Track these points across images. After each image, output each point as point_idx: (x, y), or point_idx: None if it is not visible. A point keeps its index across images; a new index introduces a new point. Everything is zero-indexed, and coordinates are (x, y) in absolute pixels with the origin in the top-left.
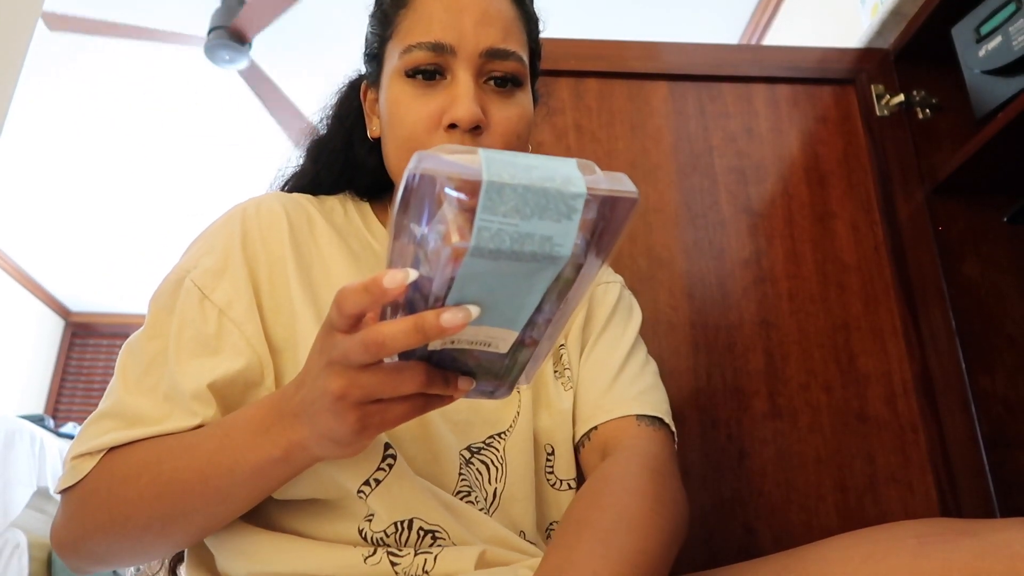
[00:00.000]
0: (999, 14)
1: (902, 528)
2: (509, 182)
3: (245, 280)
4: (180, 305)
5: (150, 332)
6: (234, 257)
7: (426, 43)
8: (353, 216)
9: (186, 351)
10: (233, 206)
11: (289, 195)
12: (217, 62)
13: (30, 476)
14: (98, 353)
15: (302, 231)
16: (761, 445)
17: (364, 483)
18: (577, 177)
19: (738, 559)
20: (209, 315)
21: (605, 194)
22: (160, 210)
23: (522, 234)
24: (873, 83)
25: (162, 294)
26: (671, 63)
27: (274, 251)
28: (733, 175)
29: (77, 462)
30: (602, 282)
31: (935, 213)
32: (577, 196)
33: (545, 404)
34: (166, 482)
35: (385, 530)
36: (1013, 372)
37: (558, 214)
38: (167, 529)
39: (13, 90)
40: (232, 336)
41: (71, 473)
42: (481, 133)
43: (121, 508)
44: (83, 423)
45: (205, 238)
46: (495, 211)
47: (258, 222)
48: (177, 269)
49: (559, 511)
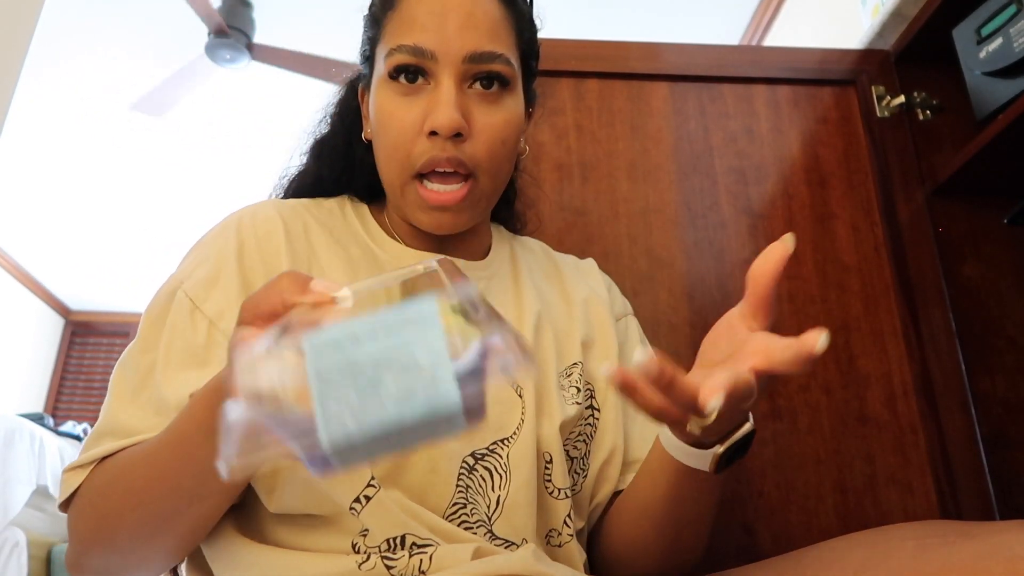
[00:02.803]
0: (1000, 15)
1: (901, 530)
2: (356, 435)
3: (238, 291)
4: (172, 317)
5: (142, 345)
6: (228, 268)
7: (407, 46)
8: (352, 220)
9: (175, 363)
10: (228, 215)
11: (285, 202)
12: (218, 61)
13: (29, 475)
14: (98, 352)
15: (298, 239)
16: (761, 446)
17: (355, 500)
18: (446, 380)
19: (737, 560)
20: (199, 326)
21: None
22: (160, 209)
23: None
24: (874, 84)
25: (155, 306)
26: (672, 64)
27: (271, 261)
28: (733, 176)
29: (68, 475)
30: (622, 315)
31: (935, 214)
32: (454, 416)
33: (547, 413)
34: (139, 490)
35: (379, 545)
36: (1013, 373)
37: (430, 432)
38: (155, 537)
39: (13, 90)
40: (221, 348)
41: (63, 486)
42: (464, 140)
43: (107, 519)
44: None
45: (199, 248)
46: (346, 457)
47: (254, 231)
48: (171, 280)
49: (557, 519)
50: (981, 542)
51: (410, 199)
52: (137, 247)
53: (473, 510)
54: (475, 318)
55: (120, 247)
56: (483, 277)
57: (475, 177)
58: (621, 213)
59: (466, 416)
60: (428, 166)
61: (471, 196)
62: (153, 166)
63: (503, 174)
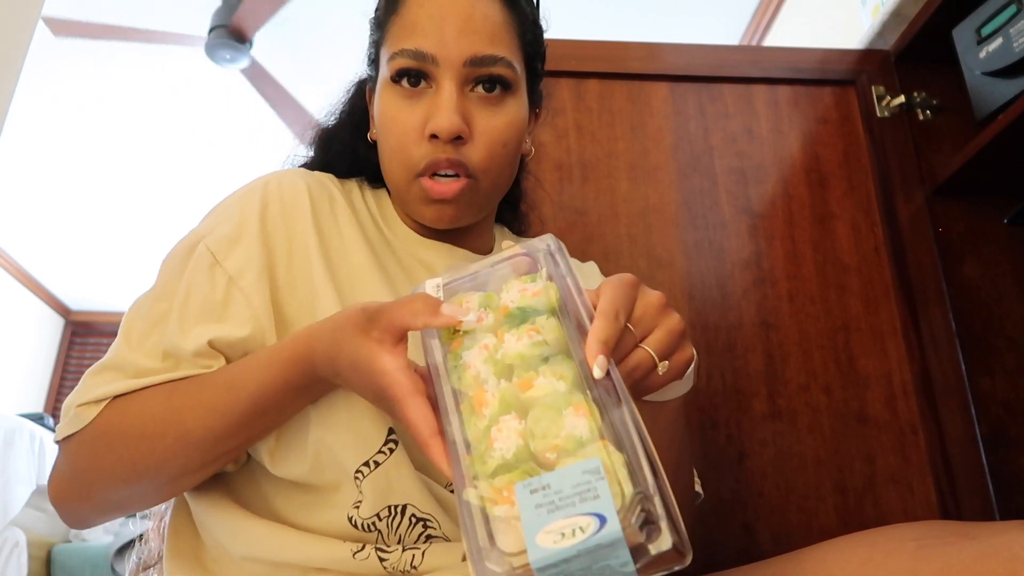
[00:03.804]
0: (1000, 15)
1: (901, 531)
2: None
3: (259, 251)
4: (191, 269)
5: (157, 293)
6: (251, 227)
7: (408, 50)
8: (370, 202)
9: (192, 315)
10: (256, 178)
11: (312, 172)
12: (218, 61)
13: (30, 475)
14: (98, 352)
15: (323, 210)
16: (761, 446)
17: (363, 464)
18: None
19: (737, 560)
20: (219, 281)
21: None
22: (161, 209)
23: None
24: (874, 84)
25: (174, 257)
26: (672, 64)
27: (295, 226)
28: (733, 176)
29: (81, 410)
30: None
31: (935, 214)
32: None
33: None
34: (152, 435)
35: (378, 514)
36: (1013, 373)
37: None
38: (185, 460)
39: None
40: (239, 304)
41: (74, 420)
42: (464, 143)
43: (112, 457)
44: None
45: (224, 207)
46: None
47: (280, 196)
48: (192, 234)
49: None
50: (981, 543)
51: (414, 195)
52: (138, 247)
53: None
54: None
55: (120, 247)
56: None
57: (475, 178)
58: (621, 213)
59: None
60: (429, 168)
61: (469, 191)
62: (153, 166)
63: (504, 176)
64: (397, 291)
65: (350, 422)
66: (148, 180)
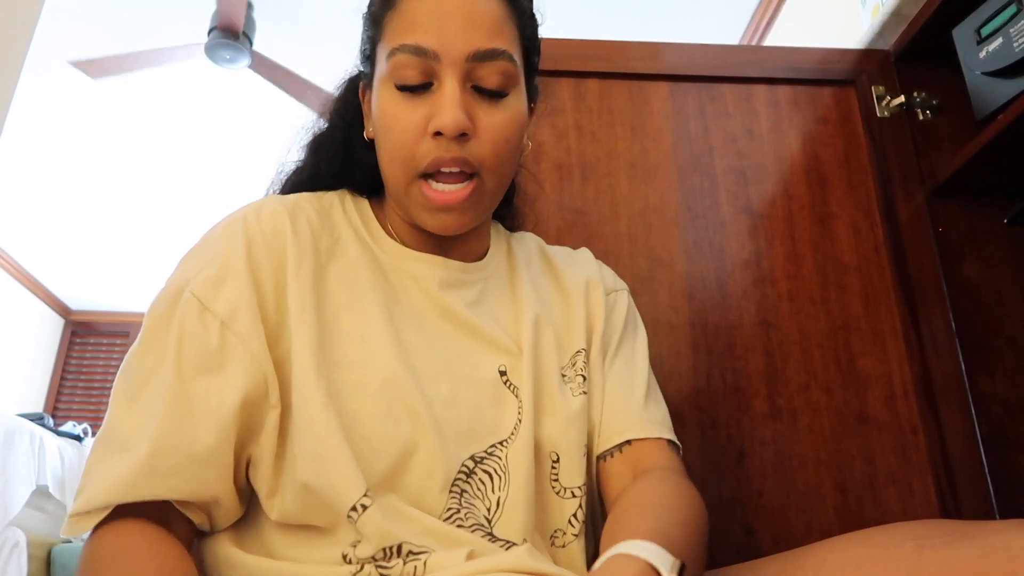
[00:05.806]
0: (1000, 15)
1: (900, 530)
2: None
3: (249, 289)
4: (179, 318)
5: (144, 348)
6: (236, 266)
7: (409, 46)
8: (352, 216)
9: (190, 370)
10: (230, 214)
11: (287, 198)
12: (218, 62)
13: (29, 475)
14: (98, 352)
15: (304, 237)
16: (761, 446)
17: (352, 508)
18: None
19: (737, 560)
20: (211, 328)
21: None
22: (161, 209)
23: None
24: (874, 84)
25: (158, 308)
26: (672, 64)
27: (277, 258)
28: (733, 176)
29: (75, 520)
30: (611, 290)
31: (935, 214)
32: None
33: (549, 411)
34: None
35: (373, 555)
36: (1013, 373)
37: None
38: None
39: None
40: (236, 351)
41: (69, 529)
42: (468, 139)
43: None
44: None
45: (203, 248)
46: None
47: (260, 228)
48: (174, 281)
49: (562, 519)
50: (980, 542)
51: (415, 200)
52: (137, 247)
53: (468, 514)
54: None
55: (120, 247)
56: (480, 279)
57: (479, 176)
58: (621, 213)
59: None
60: (433, 166)
61: (475, 195)
62: (154, 166)
63: (507, 172)
64: (390, 312)
65: (337, 465)
66: (148, 180)
